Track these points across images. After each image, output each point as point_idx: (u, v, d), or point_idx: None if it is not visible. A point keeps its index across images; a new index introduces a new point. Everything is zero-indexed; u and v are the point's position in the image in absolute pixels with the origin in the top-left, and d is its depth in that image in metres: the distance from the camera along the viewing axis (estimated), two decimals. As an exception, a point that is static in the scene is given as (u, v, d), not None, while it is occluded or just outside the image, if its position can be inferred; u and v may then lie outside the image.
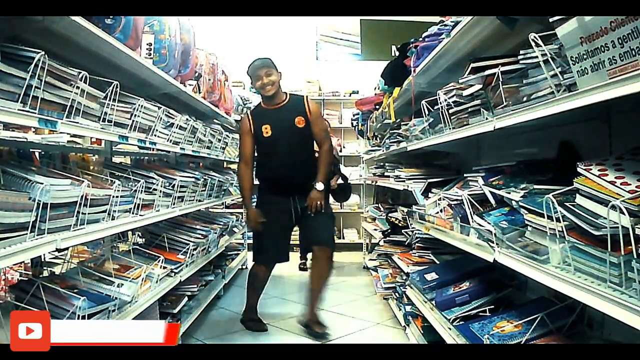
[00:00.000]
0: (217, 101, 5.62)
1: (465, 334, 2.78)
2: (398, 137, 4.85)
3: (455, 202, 3.08)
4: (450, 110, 3.04)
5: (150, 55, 3.64)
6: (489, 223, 2.54)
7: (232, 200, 7.50)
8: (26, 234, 2.07)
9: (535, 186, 2.33)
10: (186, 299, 4.26)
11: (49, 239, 2.20)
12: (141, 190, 3.23)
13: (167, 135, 3.79)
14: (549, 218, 1.91)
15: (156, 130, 3.51)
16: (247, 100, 7.67)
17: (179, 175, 3.99)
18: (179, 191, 3.91)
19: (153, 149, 4.79)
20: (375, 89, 6.56)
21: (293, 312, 5.01)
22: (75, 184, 2.47)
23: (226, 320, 4.85)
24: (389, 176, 5.17)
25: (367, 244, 7.88)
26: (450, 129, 3.09)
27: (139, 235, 4.72)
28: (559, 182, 2.06)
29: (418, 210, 3.91)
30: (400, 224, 5.03)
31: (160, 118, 3.55)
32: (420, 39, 3.85)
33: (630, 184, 1.69)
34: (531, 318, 2.46)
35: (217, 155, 5.64)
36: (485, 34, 2.95)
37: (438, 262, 3.98)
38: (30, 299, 2.51)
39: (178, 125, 3.93)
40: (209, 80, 5.25)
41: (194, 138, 4.54)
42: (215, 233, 4.86)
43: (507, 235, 2.32)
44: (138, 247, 3.87)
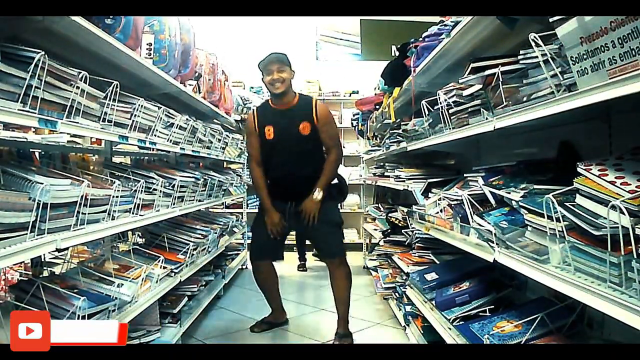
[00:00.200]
0: (217, 101, 5.63)
1: (465, 334, 2.78)
2: (398, 137, 4.84)
3: (455, 202, 3.08)
4: (450, 110, 3.04)
5: (150, 55, 3.64)
6: (489, 223, 2.54)
7: (232, 200, 7.50)
8: (26, 234, 2.07)
9: (535, 186, 2.33)
10: (186, 299, 4.27)
11: (49, 239, 2.20)
12: (141, 190, 3.23)
13: (167, 135, 3.79)
14: (549, 218, 1.91)
15: (156, 130, 3.51)
16: (247, 100, 7.68)
17: (179, 175, 3.99)
18: (179, 191, 3.91)
19: (153, 149, 4.79)
20: (375, 89, 6.56)
21: (292, 313, 5.01)
22: (75, 184, 2.47)
23: (226, 320, 4.84)
24: (389, 176, 5.17)
25: (367, 244, 7.89)
26: (450, 129, 3.09)
27: (139, 235, 4.72)
28: (559, 182, 2.06)
29: (418, 210, 3.91)
30: (400, 224, 5.03)
31: (160, 118, 3.55)
32: (420, 39, 3.85)
33: (630, 184, 1.69)
34: (531, 318, 2.46)
35: (217, 155, 5.63)
36: (485, 34, 2.95)
37: (438, 262, 3.98)
38: (30, 299, 2.51)
39: (178, 125, 3.93)
40: (209, 80, 5.25)
41: (194, 138, 4.54)
42: (215, 233, 4.86)
43: (507, 235, 2.31)
44: (138, 247, 3.87)
